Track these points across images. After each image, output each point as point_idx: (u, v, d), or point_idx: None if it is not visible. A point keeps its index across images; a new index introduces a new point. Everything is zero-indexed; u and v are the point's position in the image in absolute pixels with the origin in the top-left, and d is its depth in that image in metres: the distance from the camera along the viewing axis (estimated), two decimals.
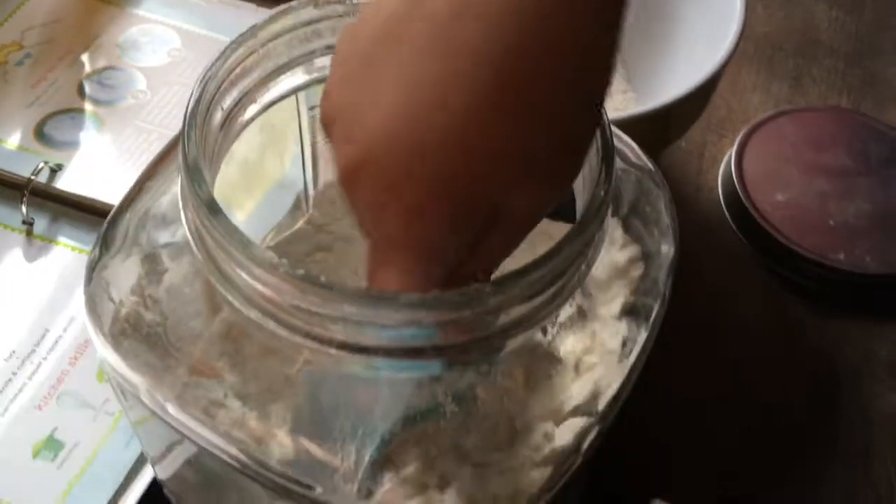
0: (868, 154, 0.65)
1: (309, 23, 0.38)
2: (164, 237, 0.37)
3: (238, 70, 0.36)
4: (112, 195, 0.57)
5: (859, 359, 0.59)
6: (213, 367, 0.34)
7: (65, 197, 0.59)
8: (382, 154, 0.28)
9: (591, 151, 0.34)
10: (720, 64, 0.55)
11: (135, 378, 0.35)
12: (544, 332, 0.34)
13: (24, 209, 0.57)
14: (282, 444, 0.33)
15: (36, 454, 0.48)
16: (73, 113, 0.65)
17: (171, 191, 0.37)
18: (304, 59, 0.39)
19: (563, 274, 0.32)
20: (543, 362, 0.34)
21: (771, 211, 0.62)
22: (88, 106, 0.65)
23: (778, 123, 0.66)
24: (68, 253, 0.57)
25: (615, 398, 0.35)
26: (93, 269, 0.37)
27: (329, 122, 0.31)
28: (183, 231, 0.35)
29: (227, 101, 0.35)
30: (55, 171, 0.60)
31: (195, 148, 0.32)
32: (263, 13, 0.65)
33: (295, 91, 0.40)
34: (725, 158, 0.66)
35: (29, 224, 0.57)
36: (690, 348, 0.55)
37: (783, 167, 0.64)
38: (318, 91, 0.42)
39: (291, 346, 0.32)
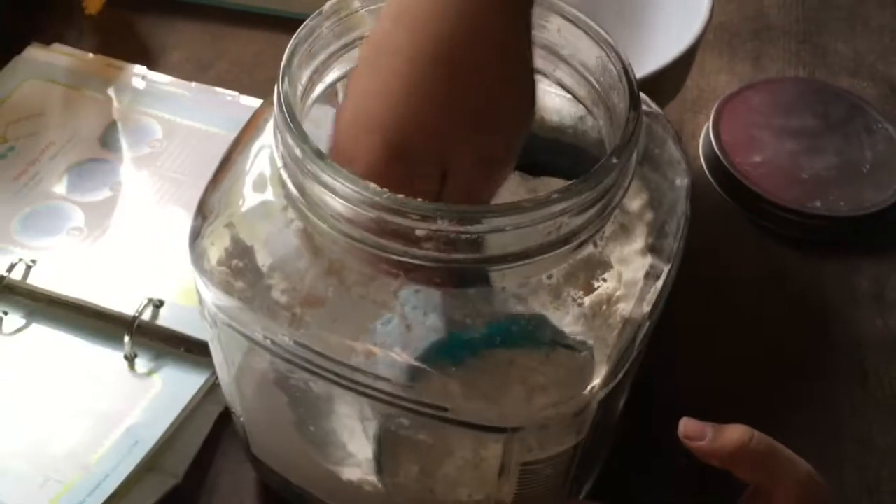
0: (828, 115, 0.72)
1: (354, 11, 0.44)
2: (254, 199, 0.42)
3: (310, 51, 0.41)
4: (89, 293, 0.57)
5: (845, 292, 0.65)
6: (321, 299, 0.39)
7: (37, 293, 0.58)
8: (355, 136, 0.38)
9: (619, 92, 0.41)
10: (694, 39, 0.62)
11: (252, 322, 0.40)
12: (595, 244, 0.40)
13: None
14: (387, 357, 0.38)
15: None
16: (52, 206, 0.64)
17: (258, 160, 0.42)
18: (352, 47, 0.45)
19: (610, 188, 0.38)
20: (598, 269, 0.40)
21: (750, 171, 0.68)
22: (68, 199, 0.65)
23: (746, 95, 0.73)
24: (41, 342, 0.57)
25: (658, 299, 0.41)
26: (195, 237, 0.42)
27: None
28: (271, 192, 0.41)
29: (304, 78, 0.41)
30: (30, 266, 0.60)
31: (293, 102, 0.37)
32: (248, 101, 0.68)
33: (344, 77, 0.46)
34: (703, 131, 0.72)
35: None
36: (693, 297, 0.61)
37: (756, 132, 0.71)
38: None
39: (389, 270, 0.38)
